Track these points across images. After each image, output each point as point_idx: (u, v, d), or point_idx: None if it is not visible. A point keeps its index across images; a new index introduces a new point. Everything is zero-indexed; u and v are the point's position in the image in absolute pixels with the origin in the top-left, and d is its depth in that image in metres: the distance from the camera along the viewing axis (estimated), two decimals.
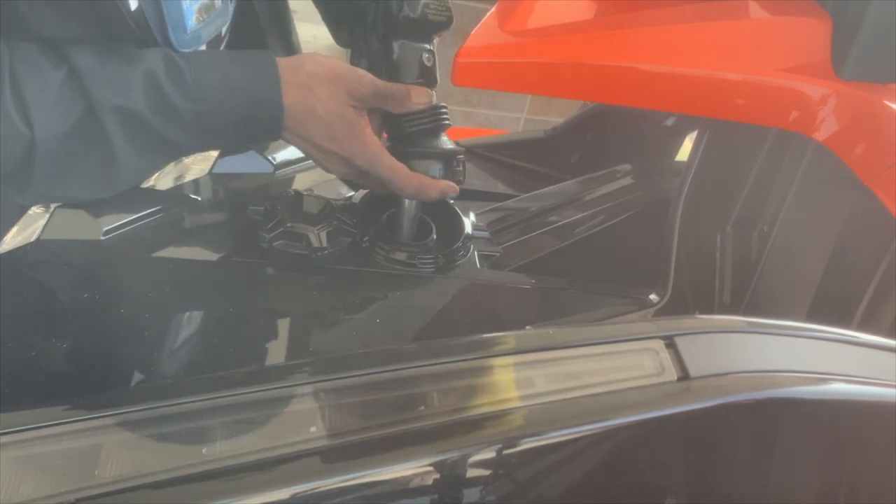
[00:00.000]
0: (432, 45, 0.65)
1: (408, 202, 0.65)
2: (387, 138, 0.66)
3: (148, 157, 0.56)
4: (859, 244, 0.70)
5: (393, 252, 0.63)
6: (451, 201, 0.70)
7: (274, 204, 0.61)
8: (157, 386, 0.45)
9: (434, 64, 0.65)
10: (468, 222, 0.71)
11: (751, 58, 0.69)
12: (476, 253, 0.70)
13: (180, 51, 0.55)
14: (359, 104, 0.60)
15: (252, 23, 0.75)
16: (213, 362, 0.48)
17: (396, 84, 0.62)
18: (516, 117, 2.50)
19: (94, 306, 0.50)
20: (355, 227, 0.63)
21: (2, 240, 0.58)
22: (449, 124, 0.65)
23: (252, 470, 0.36)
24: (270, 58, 0.57)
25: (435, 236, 0.67)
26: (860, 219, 0.69)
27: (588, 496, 0.43)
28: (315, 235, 0.60)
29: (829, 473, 0.49)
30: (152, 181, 0.68)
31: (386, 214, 0.67)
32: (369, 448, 0.38)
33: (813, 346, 0.48)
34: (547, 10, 0.78)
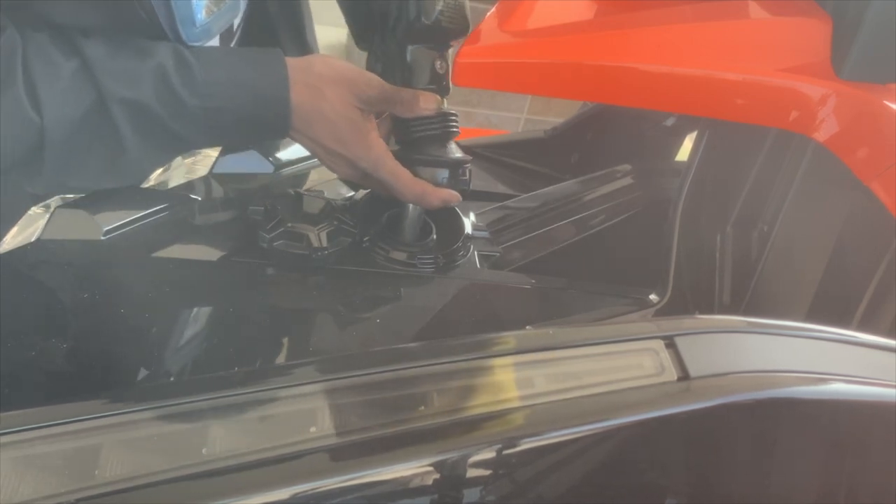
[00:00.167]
0: (446, 53, 0.65)
1: (410, 204, 0.65)
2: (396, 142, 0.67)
3: (156, 150, 0.56)
4: (859, 244, 0.70)
5: (393, 252, 0.63)
6: None
7: (274, 204, 0.61)
8: (157, 386, 0.45)
9: (447, 72, 0.65)
10: (468, 222, 0.71)
11: (751, 58, 0.69)
12: (476, 253, 0.70)
13: (190, 45, 0.55)
14: (366, 107, 0.60)
15: (265, 18, 0.75)
16: (213, 362, 0.48)
17: (405, 88, 0.62)
18: (516, 117, 2.50)
19: (95, 306, 0.50)
20: (355, 227, 0.63)
21: (2, 240, 0.58)
22: (457, 132, 0.65)
23: (252, 470, 0.36)
24: (280, 57, 0.57)
25: (435, 236, 0.67)
26: (860, 219, 0.69)
27: (588, 496, 0.43)
28: (315, 235, 0.60)
29: (829, 473, 0.49)
30: (152, 181, 0.68)
31: (386, 214, 0.67)
32: (369, 448, 0.38)
33: (813, 346, 0.48)
34: (547, 10, 0.78)
